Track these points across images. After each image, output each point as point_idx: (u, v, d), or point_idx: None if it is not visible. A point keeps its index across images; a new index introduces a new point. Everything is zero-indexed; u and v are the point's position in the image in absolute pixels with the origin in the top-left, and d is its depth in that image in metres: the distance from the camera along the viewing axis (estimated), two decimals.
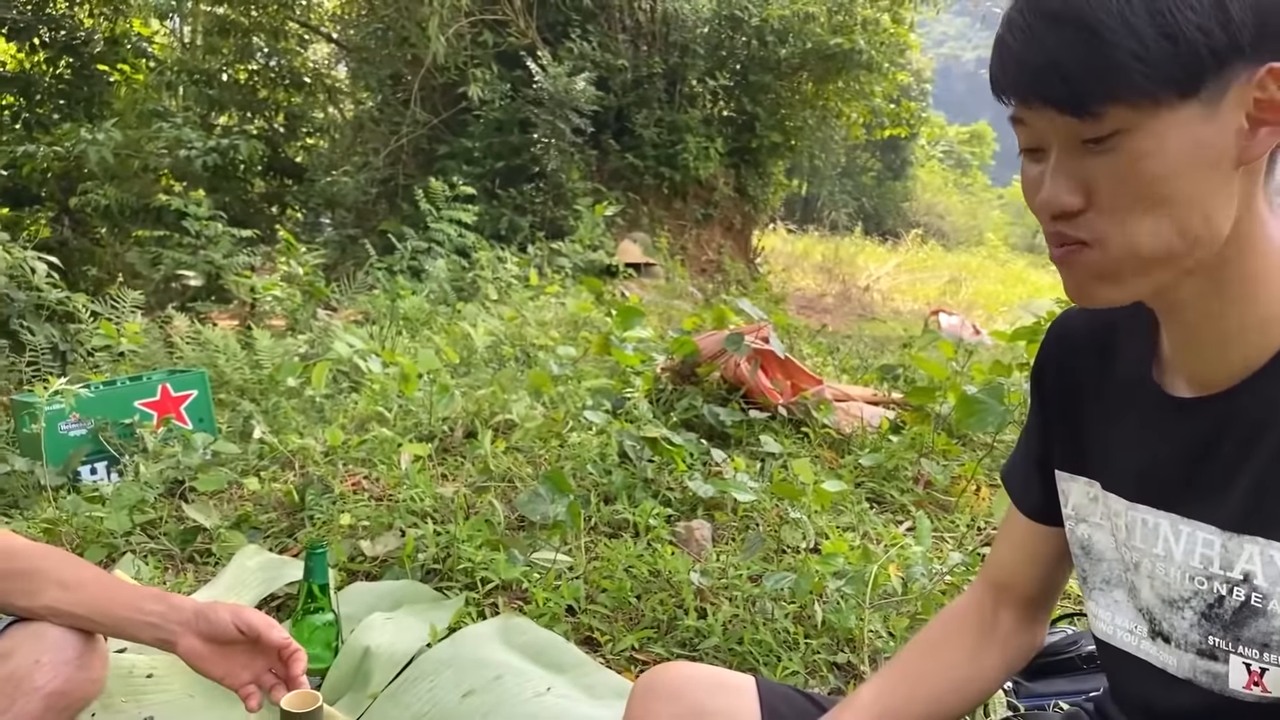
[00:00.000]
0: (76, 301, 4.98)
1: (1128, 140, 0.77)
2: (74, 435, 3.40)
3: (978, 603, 1.21)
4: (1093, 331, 1.05)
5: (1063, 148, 0.81)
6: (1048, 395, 1.11)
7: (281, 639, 1.51)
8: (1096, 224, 0.81)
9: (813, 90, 11.78)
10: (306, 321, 5.44)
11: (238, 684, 1.54)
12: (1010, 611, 1.17)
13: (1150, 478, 0.96)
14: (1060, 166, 0.82)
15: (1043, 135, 0.83)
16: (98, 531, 2.65)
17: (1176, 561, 0.92)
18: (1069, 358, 1.08)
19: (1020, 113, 0.83)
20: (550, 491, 2.53)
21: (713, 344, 3.69)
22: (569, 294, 6.68)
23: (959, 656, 1.18)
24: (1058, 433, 1.09)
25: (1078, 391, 1.06)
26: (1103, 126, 0.77)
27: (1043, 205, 0.83)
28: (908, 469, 3.23)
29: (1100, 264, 0.83)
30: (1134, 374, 0.98)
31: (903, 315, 12.07)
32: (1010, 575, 1.17)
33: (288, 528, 2.71)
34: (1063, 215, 0.82)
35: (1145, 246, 0.80)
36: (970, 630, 1.19)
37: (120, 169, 8.89)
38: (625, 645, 2.16)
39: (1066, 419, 1.07)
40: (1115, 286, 0.84)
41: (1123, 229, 0.80)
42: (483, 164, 9.59)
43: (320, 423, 3.55)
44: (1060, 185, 0.82)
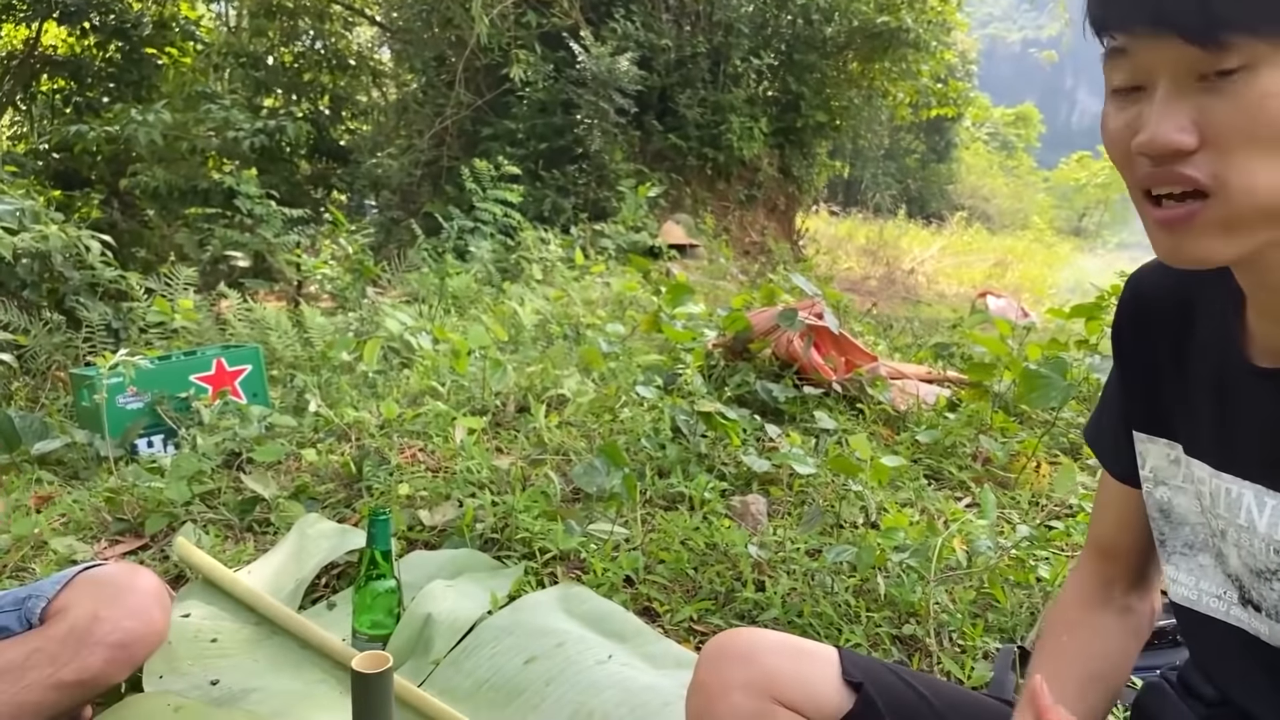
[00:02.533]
0: (131, 279, 5.05)
1: (1256, 76, 0.71)
2: (131, 409, 3.44)
3: (1090, 576, 1.18)
4: (1171, 290, 1.01)
5: (1173, 82, 0.75)
6: (1126, 354, 1.08)
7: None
8: (1212, 165, 0.75)
9: (858, 69, 11.65)
10: (356, 300, 5.47)
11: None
12: (1123, 579, 1.14)
13: (1233, 447, 0.93)
14: (1170, 103, 0.75)
15: (1149, 69, 0.76)
16: (158, 501, 2.68)
17: (1260, 534, 0.89)
18: (1147, 316, 1.04)
19: (1130, 42, 0.76)
20: (605, 464, 2.53)
21: (765, 320, 3.66)
22: (614, 274, 6.67)
23: (1095, 636, 1.14)
24: (1137, 393, 1.06)
25: (1158, 352, 1.02)
26: (1228, 60, 0.71)
27: (1145, 145, 0.76)
28: (966, 446, 3.18)
29: (1218, 214, 0.76)
30: (1217, 339, 0.94)
31: (948, 298, 11.94)
32: (1114, 542, 1.15)
33: (345, 498, 2.72)
34: (1171, 156, 0.76)
35: (1267, 192, 0.74)
36: (1084, 607, 1.16)
37: (168, 151, 8.98)
38: (683, 616, 2.15)
39: (1146, 379, 1.04)
40: (1227, 241, 0.78)
41: (1242, 171, 0.74)
42: (526, 145, 9.58)
43: (373, 397, 3.57)
44: (1169, 123, 0.75)
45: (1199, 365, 0.97)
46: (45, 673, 1.58)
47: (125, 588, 1.70)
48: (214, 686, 1.87)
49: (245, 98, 10.33)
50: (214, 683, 1.88)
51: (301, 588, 2.22)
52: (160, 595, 1.76)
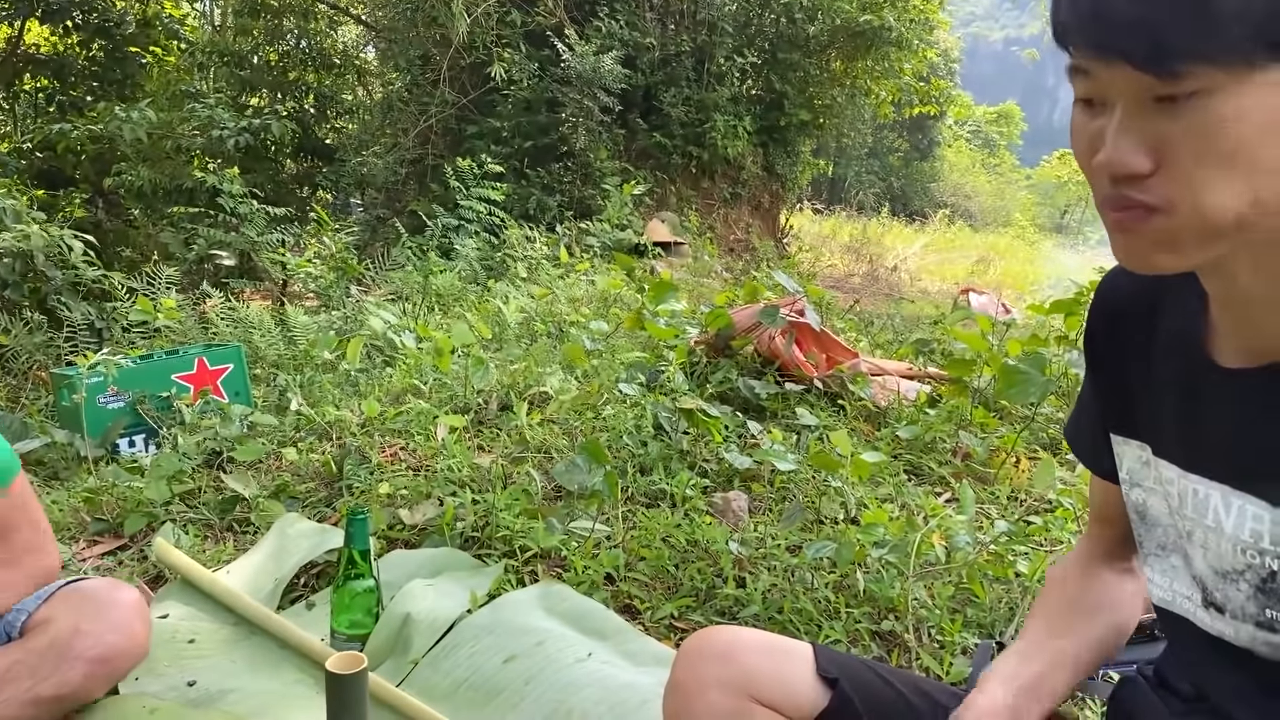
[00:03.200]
0: (113, 278, 5.02)
1: (1208, 101, 0.71)
2: (112, 408, 3.42)
3: (1091, 542, 1.20)
4: (1140, 292, 1.02)
5: (1130, 104, 0.75)
6: (1099, 356, 1.09)
7: None
8: (1165, 188, 0.75)
9: (841, 68, 11.67)
10: (339, 298, 5.46)
11: None
12: (1125, 546, 1.15)
13: (1198, 448, 0.93)
14: (1126, 125, 0.75)
15: (1106, 89, 0.76)
16: (137, 501, 2.67)
17: (1227, 534, 0.90)
18: (1117, 318, 1.05)
19: (1086, 63, 0.76)
20: (587, 462, 2.53)
21: (747, 317, 3.66)
22: (598, 272, 6.67)
23: (1089, 598, 1.16)
24: (1110, 395, 1.07)
25: (1126, 353, 1.04)
26: (1182, 86, 0.71)
27: (1103, 166, 0.77)
28: (945, 441, 3.20)
29: (1165, 231, 0.77)
30: (1182, 339, 0.95)
31: (931, 295, 11.97)
32: (1111, 516, 1.16)
33: (326, 497, 2.72)
34: (1126, 179, 0.76)
35: (1217, 214, 0.74)
36: (1091, 569, 1.18)
37: (153, 150, 8.94)
38: (664, 613, 2.15)
39: (1117, 381, 1.05)
40: (1175, 255, 0.78)
41: (1194, 194, 0.74)
42: (511, 144, 9.57)
43: (355, 396, 3.56)
44: (1126, 146, 0.75)
45: (1166, 366, 0.98)
46: (24, 686, 1.58)
47: (107, 602, 1.70)
48: (191, 687, 1.87)
49: (230, 97, 10.28)
50: (191, 684, 1.88)
51: (280, 587, 2.21)
52: (141, 610, 1.76)
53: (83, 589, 1.72)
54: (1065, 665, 1.10)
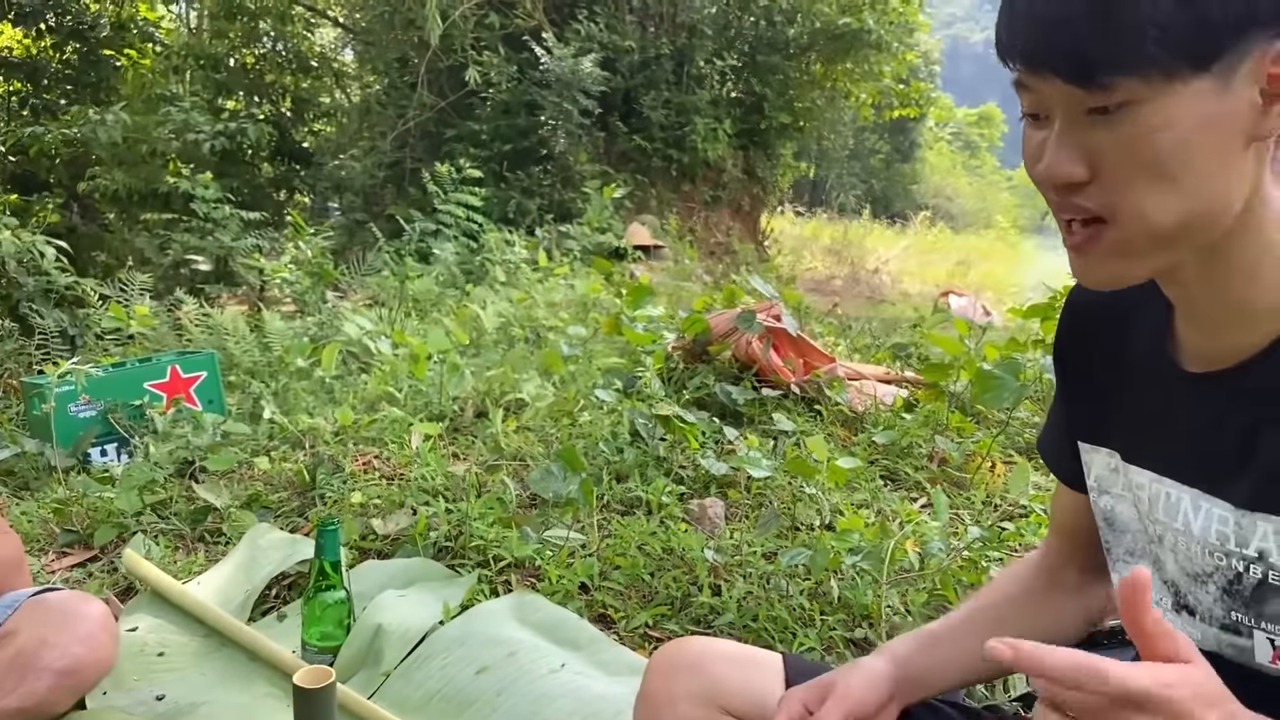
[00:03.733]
0: (85, 285, 4.98)
1: (1136, 112, 0.74)
2: (84, 417, 3.39)
3: (1047, 553, 1.20)
4: (1105, 303, 1.03)
5: (1066, 116, 0.78)
6: (1068, 366, 1.11)
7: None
8: (1104, 196, 0.79)
9: (821, 70, 11.71)
10: (315, 304, 5.43)
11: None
12: (1081, 559, 1.16)
13: (1169, 452, 0.94)
14: (1063, 136, 0.79)
15: (1046, 102, 0.79)
16: (108, 511, 2.64)
17: (1196, 537, 0.91)
18: (1086, 329, 1.07)
19: (1024, 78, 0.80)
20: (562, 469, 2.51)
21: (724, 322, 3.66)
22: (578, 276, 6.66)
23: (1026, 601, 1.17)
24: (1079, 404, 1.09)
25: (1095, 362, 1.05)
26: (1111, 97, 0.74)
27: (1044, 175, 0.81)
28: (922, 446, 3.20)
29: (1113, 241, 0.80)
30: (1149, 347, 0.97)
31: (912, 297, 12.02)
32: (1070, 529, 1.16)
33: (299, 507, 2.69)
34: (1066, 187, 0.80)
35: (1157, 219, 0.77)
36: (1035, 577, 1.19)
37: (128, 154, 8.88)
38: (639, 622, 2.14)
39: (1086, 390, 1.07)
40: (1128, 263, 0.82)
41: (1133, 201, 0.77)
42: (490, 147, 9.55)
43: (330, 403, 3.54)
44: (1063, 155, 0.79)
45: (1134, 374, 0.99)
46: None
47: (74, 614, 1.68)
48: (159, 701, 1.84)
49: (206, 100, 10.22)
50: (159, 697, 1.85)
51: (251, 599, 2.19)
52: (108, 622, 1.74)
53: (49, 601, 1.70)
54: (958, 665, 1.12)
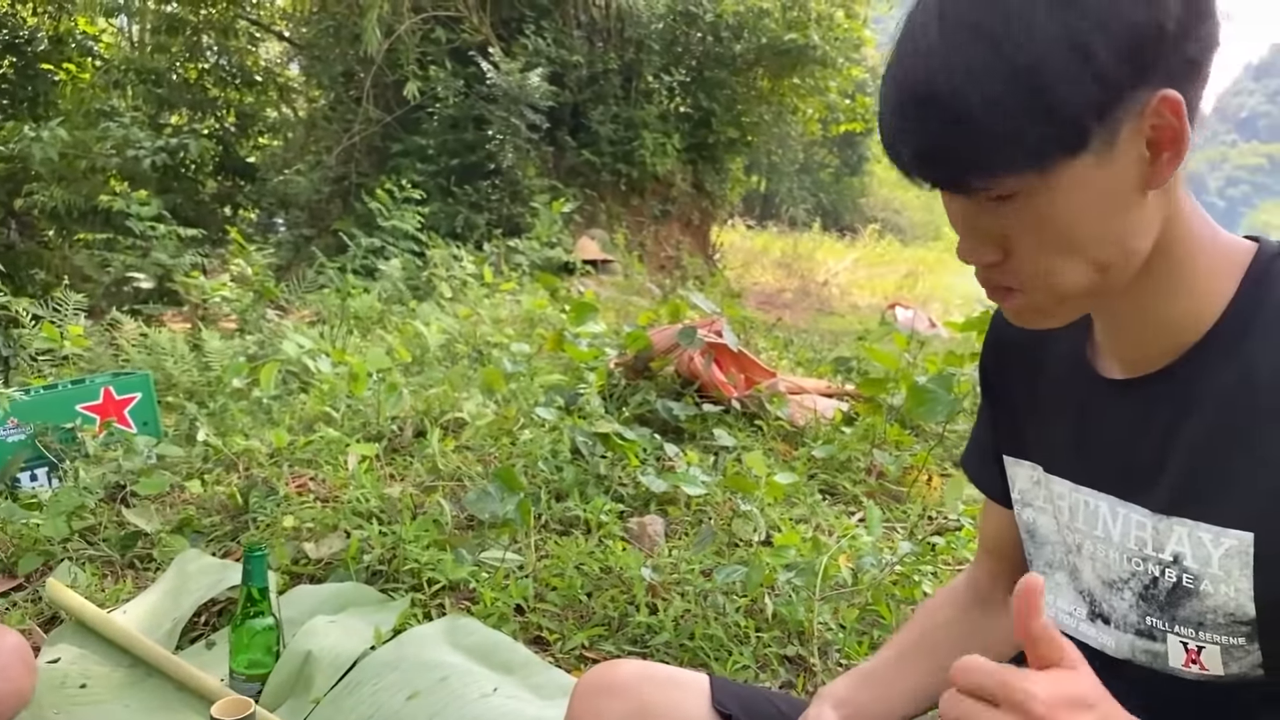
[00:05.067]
0: (18, 305, 4.86)
1: (1028, 198, 0.77)
2: (12, 440, 3.30)
3: (976, 575, 1.22)
4: None
5: (968, 208, 0.82)
6: (992, 381, 1.13)
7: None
8: (1018, 271, 0.82)
9: (768, 86, 11.79)
10: (256, 322, 5.35)
11: None
12: (1011, 577, 1.16)
13: (1087, 460, 0.97)
14: (971, 225, 0.82)
15: (950, 195, 0.83)
16: (34, 539, 2.58)
17: (1115, 543, 0.93)
18: (1008, 344, 1.09)
19: None
20: (500, 489, 2.50)
21: (666, 338, 3.67)
22: (525, 291, 6.63)
23: (958, 626, 1.18)
24: (1002, 418, 1.10)
25: (1017, 376, 1.07)
26: (999, 190, 0.77)
27: (963, 259, 0.85)
28: (860, 460, 3.23)
29: (1027, 305, 0.85)
30: (1069, 356, 0.99)
31: (860, 310, 12.14)
32: (998, 546, 1.18)
33: (231, 531, 2.65)
34: (985, 266, 0.84)
35: (1066, 287, 0.81)
36: (967, 599, 1.20)
37: (67, 170, 8.71)
38: (575, 644, 2.13)
39: (1009, 404, 1.09)
40: (1047, 318, 0.86)
41: (1043, 274, 0.81)
42: (437, 161, 9.49)
43: (268, 424, 3.49)
44: (975, 243, 0.83)
45: (1055, 384, 1.01)
46: None
47: None
48: None
49: (148, 115, 10.05)
50: None
51: (179, 627, 2.15)
52: (25, 655, 1.70)
53: None
54: (902, 696, 1.13)
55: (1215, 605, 0.85)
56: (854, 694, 1.12)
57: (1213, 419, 0.85)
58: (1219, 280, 0.85)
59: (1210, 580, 0.85)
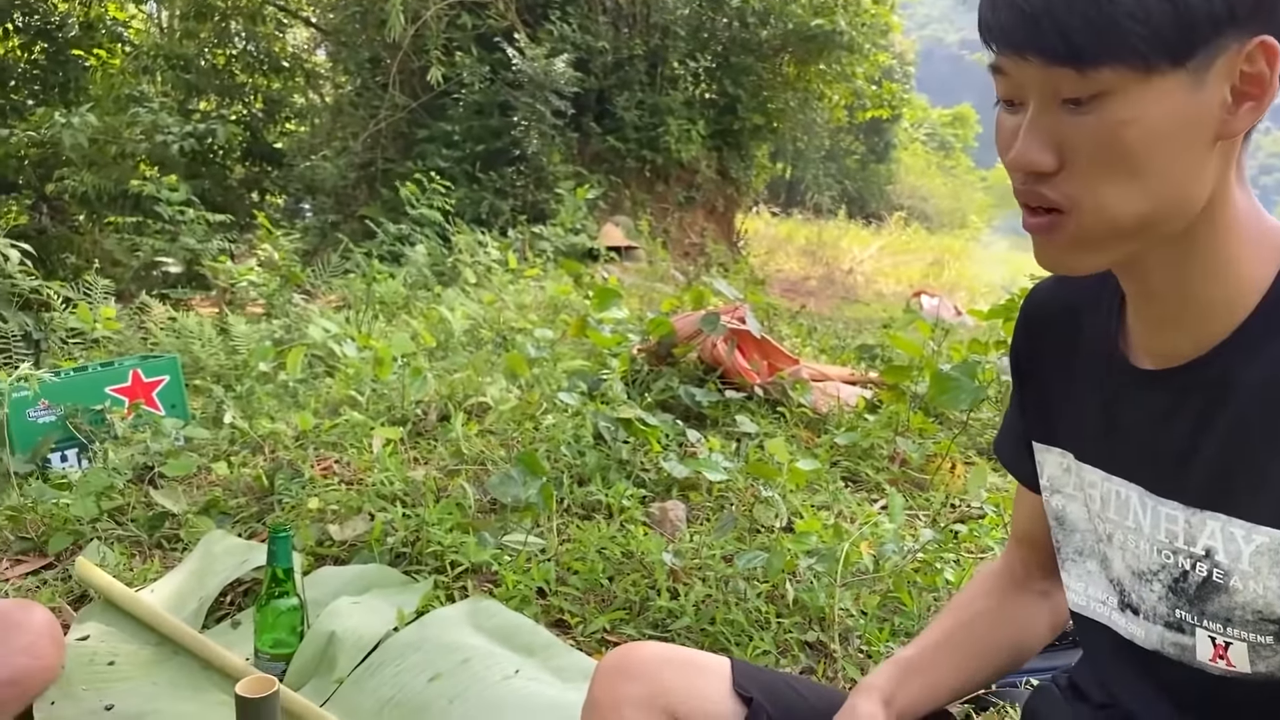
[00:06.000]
0: (50, 288, 4.93)
1: (1110, 104, 0.75)
2: (43, 422, 3.35)
3: (1010, 560, 1.22)
4: (1062, 304, 1.05)
5: (1040, 104, 0.79)
6: (1023, 368, 1.12)
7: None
8: (1068, 187, 0.79)
9: (794, 72, 11.73)
10: (283, 307, 5.39)
11: None
12: (1045, 564, 1.16)
13: (1119, 451, 0.96)
14: (1036, 123, 0.79)
15: (1021, 88, 0.80)
16: (64, 519, 2.62)
17: (1145, 534, 0.92)
18: (1039, 330, 1.08)
19: (1003, 62, 0.80)
20: (522, 473, 2.51)
21: (689, 325, 3.67)
22: (549, 277, 6.65)
23: (994, 614, 1.17)
24: (1033, 405, 1.10)
25: (1048, 363, 1.06)
26: (1088, 86, 0.75)
27: (1014, 162, 0.81)
28: (883, 447, 3.22)
29: (1072, 232, 0.81)
30: (1101, 345, 0.98)
31: (885, 297, 12.08)
32: (1030, 533, 1.17)
33: (257, 512, 2.68)
34: (1034, 175, 0.80)
35: (1118, 214, 0.78)
36: (1002, 586, 1.19)
37: (97, 155, 8.81)
38: (596, 627, 2.14)
39: (1039, 391, 1.08)
40: (1087, 254, 0.83)
41: (1095, 194, 0.78)
42: (463, 147, 9.51)
43: (294, 407, 3.51)
44: (1034, 143, 0.79)
45: (1087, 372, 1.00)
46: None
47: (16, 623, 1.67)
48: (108, 711, 1.83)
49: (177, 101, 10.14)
50: (108, 707, 1.84)
51: (205, 606, 2.18)
52: (53, 630, 1.73)
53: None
54: (942, 685, 1.13)
55: (1244, 602, 0.85)
56: (895, 684, 1.11)
57: (1246, 413, 0.83)
58: (1258, 266, 0.84)
59: (1240, 576, 0.84)
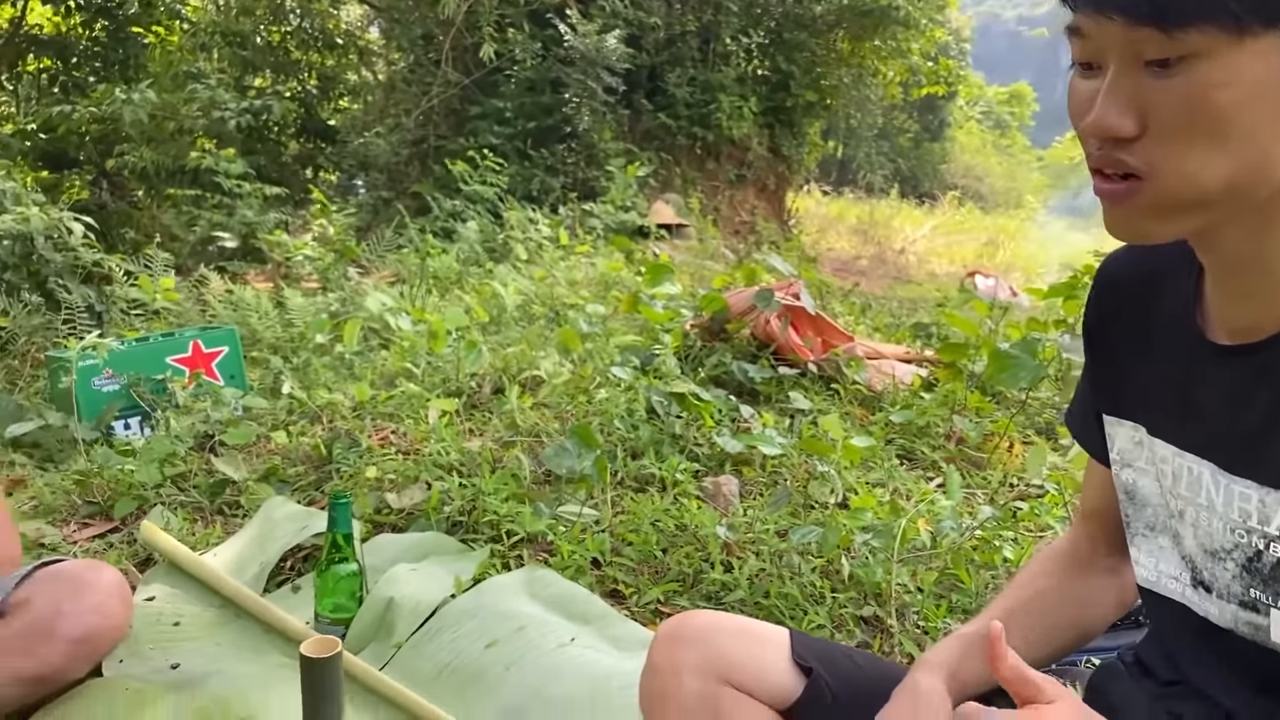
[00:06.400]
0: (112, 261, 5.03)
1: (1199, 67, 0.72)
2: (107, 390, 3.43)
3: (1076, 537, 1.20)
4: (1137, 275, 1.03)
5: (1122, 66, 0.76)
6: (1095, 340, 1.09)
7: None
8: (1149, 152, 0.76)
9: (849, 48, 11.58)
10: (338, 281, 5.46)
11: None
12: (1112, 542, 1.14)
13: (1193, 426, 0.93)
14: (1116, 87, 0.76)
15: (1102, 50, 0.77)
16: (129, 484, 2.68)
17: (1218, 512, 0.90)
18: (1113, 300, 1.06)
19: (1083, 22, 0.77)
20: (577, 446, 2.52)
21: (742, 300, 3.65)
22: (600, 254, 6.65)
23: (1059, 591, 1.15)
24: (1104, 377, 1.08)
25: (1122, 335, 1.04)
26: (1175, 48, 0.72)
27: (1091, 128, 0.78)
28: (939, 426, 3.18)
29: (1150, 198, 0.78)
30: (1177, 318, 0.96)
31: (938, 278, 11.93)
32: (1100, 509, 1.15)
33: (315, 481, 2.71)
34: (1112, 140, 0.77)
35: (1200, 181, 0.75)
36: (1068, 563, 1.17)
37: (156, 131, 8.93)
38: (650, 598, 2.15)
39: (1112, 363, 1.06)
40: (1162, 222, 0.80)
41: (1178, 160, 0.75)
42: (514, 124, 9.52)
43: (350, 379, 3.56)
44: (1113, 107, 0.76)
45: (1162, 346, 0.98)
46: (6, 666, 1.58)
47: (87, 583, 1.70)
48: (174, 670, 1.87)
49: (233, 77, 10.25)
50: (174, 666, 1.88)
51: (266, 571, 2.22)
52: (122, 590, 1.76)
53: (62, 570, 1.72)
54: (1020, 633, 1.11)
55: None
56: (957, 660, 1.10)
57: None
58: None
59: None
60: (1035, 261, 14.89)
